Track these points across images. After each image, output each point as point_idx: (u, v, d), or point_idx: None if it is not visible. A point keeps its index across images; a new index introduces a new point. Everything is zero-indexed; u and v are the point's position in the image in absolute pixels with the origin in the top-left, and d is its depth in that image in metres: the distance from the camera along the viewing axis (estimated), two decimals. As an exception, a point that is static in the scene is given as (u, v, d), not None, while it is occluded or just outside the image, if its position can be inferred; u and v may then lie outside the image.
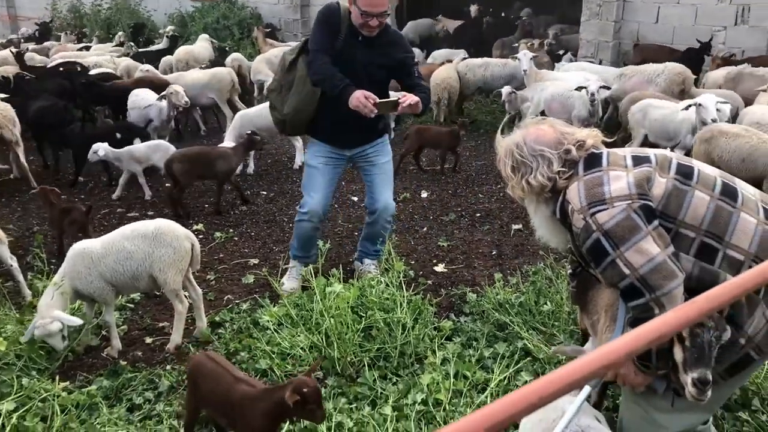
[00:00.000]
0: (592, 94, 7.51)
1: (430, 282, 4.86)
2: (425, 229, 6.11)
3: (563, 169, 2.41)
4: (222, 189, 6.68)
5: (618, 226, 2.22)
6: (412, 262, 5.30)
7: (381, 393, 3.44)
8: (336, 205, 6.75)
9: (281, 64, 4.57)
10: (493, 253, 5.55)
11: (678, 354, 2.23)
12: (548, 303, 4.22)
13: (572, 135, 2.46)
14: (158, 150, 6.97)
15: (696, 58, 9.28)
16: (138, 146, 7.09)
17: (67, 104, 8.15)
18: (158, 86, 8.70)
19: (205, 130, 9.87)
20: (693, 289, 2.24)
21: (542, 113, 8.05)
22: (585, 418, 2.46)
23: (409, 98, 4.13)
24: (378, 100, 4.11)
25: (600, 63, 10.85)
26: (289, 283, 4.70)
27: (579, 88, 7.70)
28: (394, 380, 3.59)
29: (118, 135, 7.36)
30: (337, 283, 3.87)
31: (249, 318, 4.24)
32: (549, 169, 2.41)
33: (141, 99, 8.21)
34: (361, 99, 4.04)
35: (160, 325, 4.39)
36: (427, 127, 8.15)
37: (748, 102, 7.10)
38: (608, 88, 8.10)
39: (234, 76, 9.70)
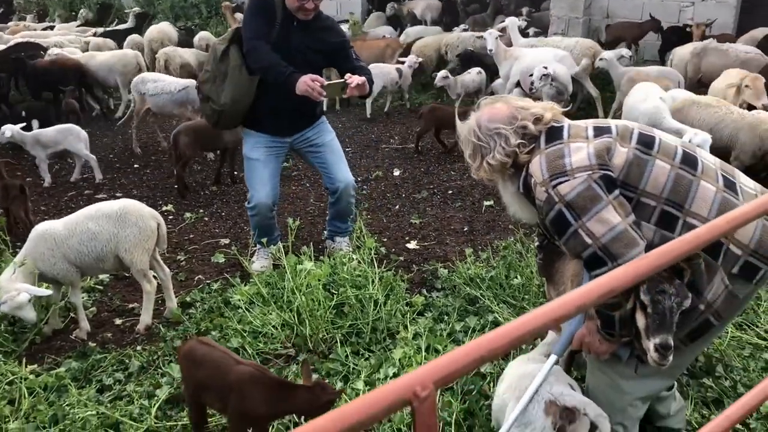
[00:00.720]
0: (532, 83, 7.47)
1: (401, 258, 4.87)
2: (397, 207, 6.12)
3: (522, 141, 2.42)
4: (233, 159, 6.68)
5: (579, 196, 2.24)
6: (385, 240, 5.31)
7: (353, 368, 3.45)
8: (308, 184, 6.73)
9: (212, 54, 4.44)
10: (465, 229, 5.58)
11: (640, 321, 2.26)
12: (518, 277, 4.26)
13: (528, 110, 2.47)
14: (69, 134, 6.75)
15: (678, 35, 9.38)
16: (46, 130, 6.80)
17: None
18: (70, 68, 8.80)
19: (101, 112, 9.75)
20: (656, 257, 2.28)
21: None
22: (558, 386, 2.49)
23: (356, 79, 4.10)
24: (325, 83, 4.09)
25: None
26: (258, 262, 4.67)
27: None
28: (367, 356, 3.61)
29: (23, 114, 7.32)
30: (308, 261, 3.86)
31: (220, 297, 4.21)
32: (507, 144, 2.42)
33: (166, 84, 7.56)
34: (308, 83, 3.99)
35: (130, 306, 4.35)
36: (441, 107, 8.06)
37: (713, 77, 7.18)
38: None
39: (141, 59, 9.46)
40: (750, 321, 3.80)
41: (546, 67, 7.43)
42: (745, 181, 2.42)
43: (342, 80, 4.16)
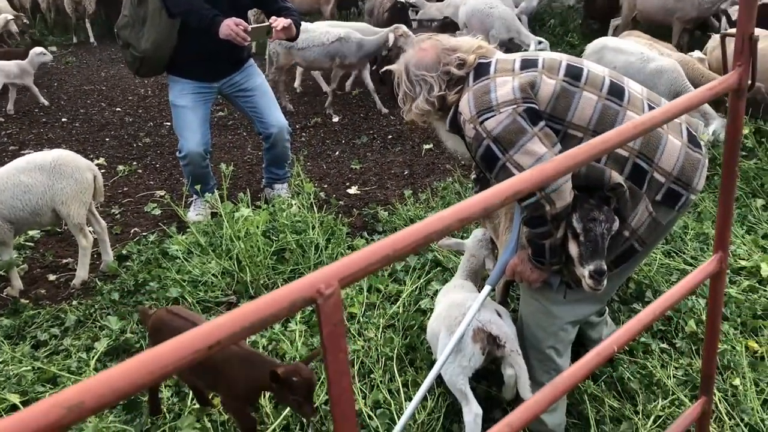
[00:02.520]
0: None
1: (341, 203, 4.87)
2: (337, 153, 6.08)
3: (444, 92, 2.43)
4: None
5: (505, 130, 2.26)
6: (325, 186, 5.29)
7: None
8: (244, 133, 6.60)
9: None
10: (405, 173, 5.60)
11: (573, 249, 2.32)
12: (457, 216, 4.31)
13: (455, 52, 2.45)
14: None
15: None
16: None
17: None
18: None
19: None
20: (583, 186, 2.33)
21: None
22: (485, 313, 2.56)
23: (281, 21, 3.99)
24: (250, 27, 3.96)
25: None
26: (194, 211, 4.58)
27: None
28: (308, 299, 3.62)
29: None
30: (245, 208, 3.81)
31: (157, 249, 4.13)
32: (430, 93, 2.44)
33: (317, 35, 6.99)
34: (232, 27, 3.86)
35: (64, 261, 4.23)
36: None
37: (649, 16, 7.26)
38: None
39: None
40: (678, 248, 3.96)
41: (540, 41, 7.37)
42: None
43: (267, 24, 4.04)
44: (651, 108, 2.39)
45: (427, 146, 6.07)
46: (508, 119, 2.25)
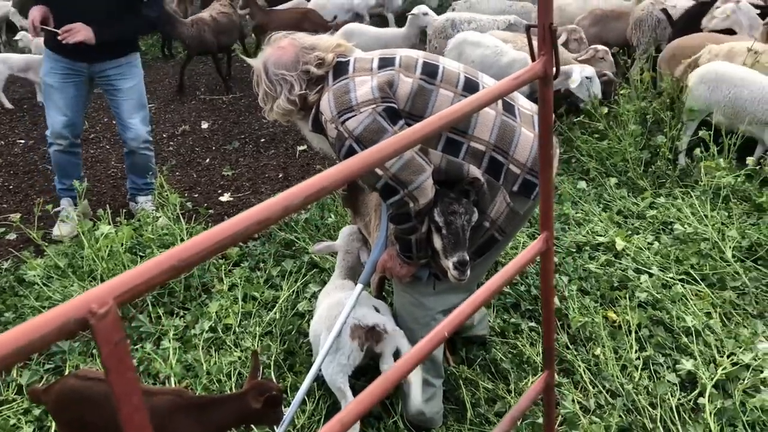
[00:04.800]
0: None
1: (211, 212, 4.74)
2: (208, 160, 5.91)
3: (304, 91, 2.41)
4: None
5: (366, 130, 2.27)
6: (196, 196, 5.13)
7: (164, 329, 3.33)
8: (107, 146, 6.27)
9: None
10: (280, 176, 5.53)
11: (437, 242, 2.38)
12: (332, 216, 4.32)
13: (313, 51, 2.44)
14: None
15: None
16: None
17: None
18: None
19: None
20: (443, 181, 2.38)
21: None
22: (361, 309, 2.58)
23: (73, 33, 3.86)
24: (40, 27, 3.86)
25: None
26: (59, 228, 4.31)
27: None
28: (182, 314, 3.50)
29: None
30: (105, 225, 3.62)
31: (12, 276, 3.84)
32: (290, 92, 2.41)
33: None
34: (30, 18, 3.80)
35: None
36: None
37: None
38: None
39: None
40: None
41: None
42: (523, 103, 2.57)
43: (56, 31, 3.90)
44: (505, 102, 2.47)
45: (301, 148, 6.02)
46: (369, 119, 2.27)
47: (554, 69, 1.12)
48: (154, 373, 2.98)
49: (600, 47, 5.68)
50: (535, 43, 1.12)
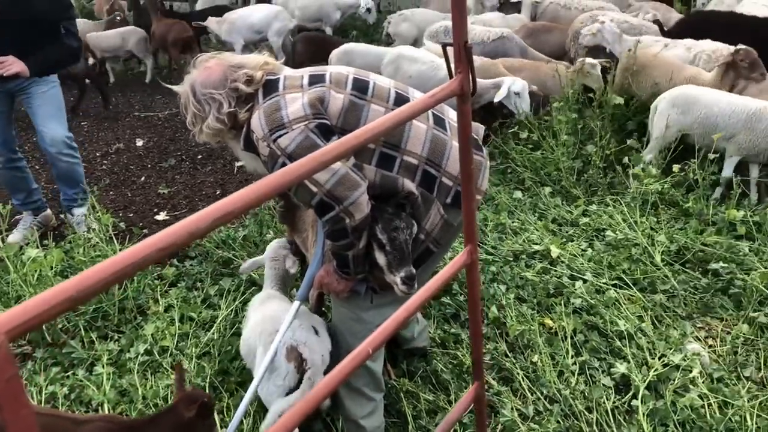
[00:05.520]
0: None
1: (146, 231, 4.63)
2: (143, 178, 5.78)
3: (234, 109, 2.39)
4: None
5: (299, 147, 2.26)
6: (131, 215, 5.01)
7: (99, 353, 3.23)
8: (36, 166, 6.07)
9: None
10: (218, 193, 5.45)
11: (381, 259, 2.37)
12: (271, 232, 4.28)
13: (240, 69, 2.43)
14: None
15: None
16: None
17: None
18: None
19: None
20: (378, 195, 2.39)
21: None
22: (302, 333, 2.56)
23: (6, 66, 3.89)
24: None
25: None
26: (14, 234, 4.27)
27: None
28: (116, 337, 3.40)
29: None
30: (32, 249, 3.49)
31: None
32: (219, 111, 2.38)
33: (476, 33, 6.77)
34: None
35: None
36: (317, 36, 7.87)
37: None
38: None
39: None
40: (480, 240, 4.22)
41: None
42: (453, 116, 2.60)
43: None
44: (435, 116, 2.50)
45: (239, 164, 5.95)
46: (301, 136, 2.26)
47: (471, 86, 1.14)
48: (87, 401, 2.88)
49: (588, 60, 5.47)
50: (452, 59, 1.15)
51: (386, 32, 8.41)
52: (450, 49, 1.13)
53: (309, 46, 7.86)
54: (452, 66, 1.17)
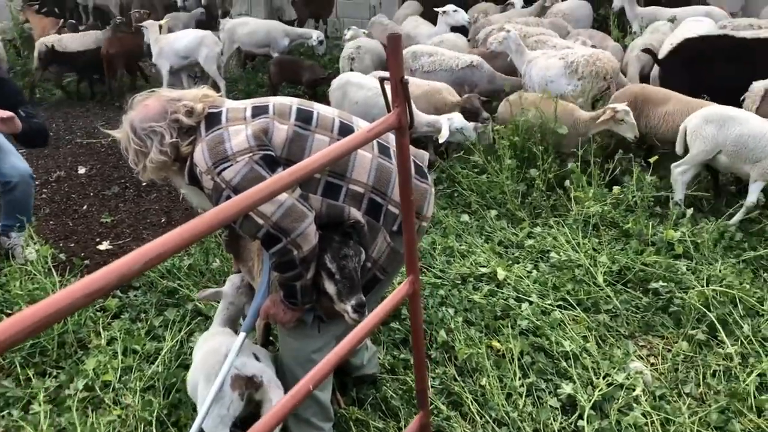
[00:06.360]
0: None
1: (88, 262, 4.51)
2: (85, 207, 5.63)
3: (176, 140, 2.37)
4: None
5: (244, 179, 2.25)
6: (72, 245, 4.86)
7: (35, 391, 3.11)
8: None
9: None
10: (163, 221, 5.36)
11: (330, 288, 2.36)
12: (217, 260, 4.22)
13: (179, 102, 2.41)
14: None
15: None
16: None
17: None
18: None
19: None
20: (324, 224, 2.39)
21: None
22: (241, 357, 2.52)
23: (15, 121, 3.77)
24: None
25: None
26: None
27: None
28: (55, 373, 3.28)
29: None
30: (-35, 282, 3.36)
31: None
32: (161, 143, 2.36)
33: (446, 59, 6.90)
34: None
35: None
36: (290, 59, 7.91)
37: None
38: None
39: None
40: (428, 264, 4.25)
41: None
42: None
43: None
44: (380, 145, 2.52)
45: (184, 191, 5.85)
46: (246, 168, 2.25)
47: (409, 120, 1.16)
48: (24, 441, 2.76)
49: (620, 107, 4.95)
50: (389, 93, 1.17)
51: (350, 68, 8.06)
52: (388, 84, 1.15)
53: (280, 68, 8.06)
54: (390, 100, 1.19)
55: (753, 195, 4.57)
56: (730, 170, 4.81)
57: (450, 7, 8.55)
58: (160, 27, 8.53)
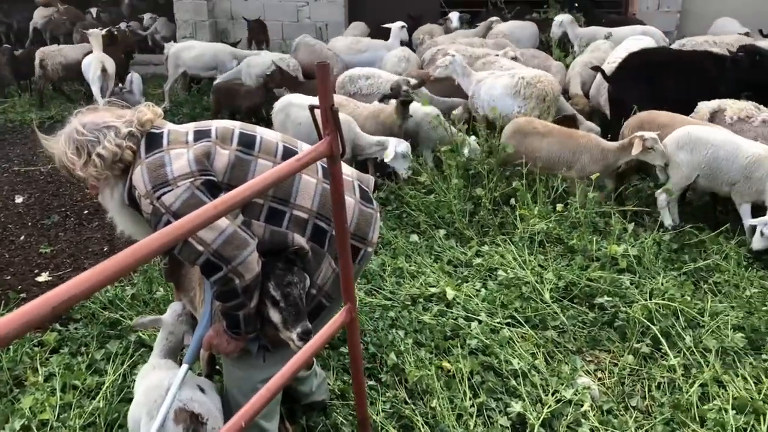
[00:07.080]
0: None
1: (24, 295, 4.33)
2: (23, 237, 5.43)
3: (122, 141, 2.31)
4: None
5: (184, 205, 2.19)
6: (8, 277, 4.68)
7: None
8: None
9: None
10: (105, 249, 5.20)
11: (275, 316, 2.31)
12: (161, 289, 4.11)
13: (121, 117, 2.39)
14: None
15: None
16: None
17: None
18: None
19: None
20: (267, 251, 2.34)
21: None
22: (186, 391, 2.45)
23: None
24: None
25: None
26: None
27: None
28: (-12, 414, 3.13)
29: None
30: None
31: None
32: (117, 136, 2.30)
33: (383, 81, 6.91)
34: None
35: None
36: (228, 86, 7.84)
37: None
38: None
39: None
40: (378, 286, 4.23)
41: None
42: (346, 170, 2.61)
43: None
44: (324, 168, 2.49)
45: (128, 217, 5.71)
46: (186, 193, 2.20)
47: (340, 147, 1.15)
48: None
49: (648, 135, 4.79)
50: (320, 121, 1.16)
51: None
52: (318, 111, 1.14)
53: (217, 96, 7.93)
54: (320, 128, 1.18)
55: (746, 217, 4.64)
56: (714, 191, 4.88)
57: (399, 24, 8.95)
58: None
